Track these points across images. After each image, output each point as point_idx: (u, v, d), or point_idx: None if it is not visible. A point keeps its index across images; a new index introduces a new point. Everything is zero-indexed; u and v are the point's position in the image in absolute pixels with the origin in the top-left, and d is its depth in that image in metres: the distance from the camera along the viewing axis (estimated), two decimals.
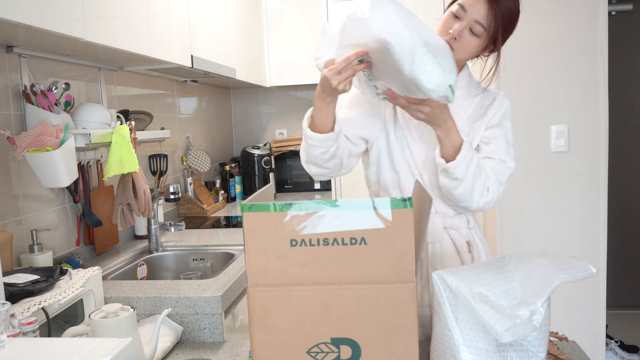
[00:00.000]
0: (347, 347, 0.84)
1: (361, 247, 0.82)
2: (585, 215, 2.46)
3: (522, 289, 0.86)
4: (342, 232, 0.82)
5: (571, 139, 2.45)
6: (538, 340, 0.88)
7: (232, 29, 2.84)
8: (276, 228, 0.82)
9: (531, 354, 0.88)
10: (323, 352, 0.85)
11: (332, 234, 0.82)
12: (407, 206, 0.80)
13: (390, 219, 0.80)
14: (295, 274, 0.83)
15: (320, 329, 0.84)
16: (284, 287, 0.84)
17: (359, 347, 0.84)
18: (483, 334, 0.84)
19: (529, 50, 2.43)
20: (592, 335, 2.48)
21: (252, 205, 0.83)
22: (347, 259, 0.83)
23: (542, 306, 0.83)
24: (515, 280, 0.87)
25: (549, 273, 0.86)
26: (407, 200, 0.80)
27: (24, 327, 1.04)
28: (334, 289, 0.83)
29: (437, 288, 0.87)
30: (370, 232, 0.82)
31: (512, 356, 0.88)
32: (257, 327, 0.85)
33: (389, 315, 0.83)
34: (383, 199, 0.80)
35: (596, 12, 2.36)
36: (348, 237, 0.82)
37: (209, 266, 2.08)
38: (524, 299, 0.83)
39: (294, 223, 0.82)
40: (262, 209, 0.82)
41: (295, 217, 0.82)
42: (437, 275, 0.87)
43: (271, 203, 0.83)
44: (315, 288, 0.84)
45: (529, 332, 0.80)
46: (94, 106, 1.82)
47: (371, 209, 0.81)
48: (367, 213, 0.81)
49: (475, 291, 0.82)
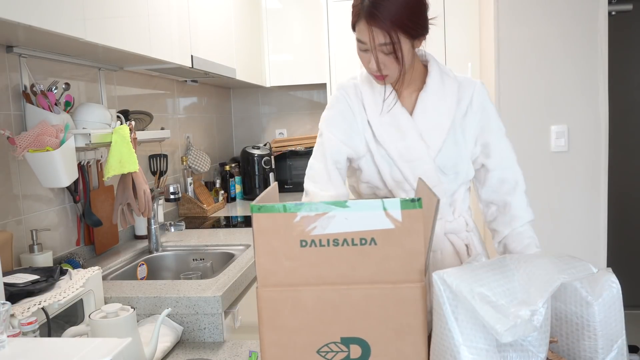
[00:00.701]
0: (356, 346, 0.85)
1: (371, 247, 0.82)
2: (585, 215, 2.46)
3: (523, 289, 0.85)
4: (352, 233, 0.82)
5: (571, 139, 2.45)
6: (538, 340, 0.87)
7: (232, 29, 2.84)
8: (286, 229, 0.83)
9: (531, 354, 0.88)
10: (333, 352, 0.85)
11: (342, 235, 0.82)
12: (417, 207, 0.80)
13: (400, 219, 0.81)
14: (305, 275, 0.84)
15: (330, 329, 0.84)
16: (294, 287, 0.84)
17: (369, 346, 0.84)
18: (483, 334, 0.83)
19: (529, 50, 2.43)
20: None
21: (262, 207, 0.83)
22: (357, 259, 0.83)
23: (543, 306, 0.82)
24: (515, 280, 0.87)
25: (549, 273, 0.86)
26: (417, 201, 0.80)
27: (24, 327, 1.04)
28: (343, 289, 0.84)
29: (437, 288, 0.87)
30: (380, 232, 0.82)
31: (513, 356, 0.88)
32: (266, 327, 0.85)
33: (398, 314, 0.83)
34: (393, 200, 0.81)
35: (596, 12, 2.36)
36: (358, 238, 0.82)
37: (209, 266, 2.08)
38: (525, 299, 0.83)
39: (304, 224, 0.82)
40: (272, 210, 0.83)
41: (305, 218, 0.82)
42: (437, 275, 0.87)
43: (281, 204, 0.83)
44: (325, 288, 0.84)
45: (529, 333, 0.80)
46: (94, 106, 1.82)
47: (381, 209, 0.81)
48: (377, 214, 0.81)
49: (476, 291, 0.82)
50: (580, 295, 1.01)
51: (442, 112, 1.32)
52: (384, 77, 1.26)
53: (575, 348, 1.04)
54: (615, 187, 3.19)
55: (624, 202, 3.59)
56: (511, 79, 2.47)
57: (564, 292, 1.03)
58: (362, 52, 1.26)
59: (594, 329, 1.00)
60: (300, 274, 0.83)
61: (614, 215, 2.78)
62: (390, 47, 1.19)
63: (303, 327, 0.84)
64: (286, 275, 0.84)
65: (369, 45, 1.21)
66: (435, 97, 1.32)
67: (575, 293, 1.01)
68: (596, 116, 2.42)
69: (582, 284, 1.01)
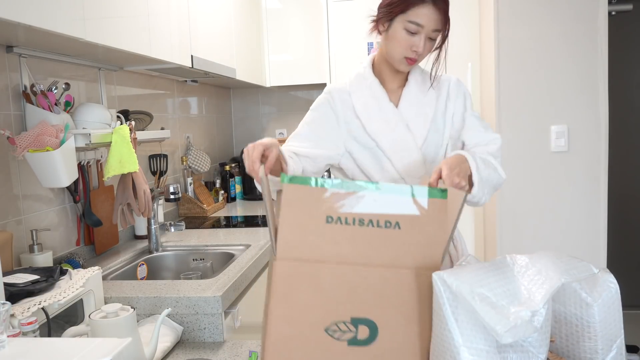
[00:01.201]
0: (365, 327, 0.85)
1: (394, 231, 0.83)
2: (585, 215, 2.46)
3: (524, 289, 0.86)
4: (378, 215, 0.83)
5: (571, 139, 2.45)
6: (539, 341, 0.87)
7: (232, 29, 2.84)
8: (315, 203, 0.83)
9: (531, 355, 0.88)
10: (341, 331, 0.85)
11: (368, 215, 0.83)
12: (443, 197, 0.81)
13: (425, 207, 0.81)
14: (327, 251, 0.84)
15: (342, 308, 0.85)
16: (313, 263, 0.84)
17: (377, 328, 0.85)
18: (483, 335, 0.83)
19: (529, 50, 2.43)
20: None
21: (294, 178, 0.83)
22: (379, 242, 0.83)
23: (544, 307, 0.82)
24: (516, 281, 0.87)
25: (550, 274, 0.86)
26: (445, 191, 0.81)
27: (24, 327, 1.04)
28: (362, 270, 0.84)
29: (437, 289, 0.87)
30: (405, 217, 0.82)
31: (513, 357, 0.88)
32: (278, 301, 0.85)
33: (411, 301, 0.83)
34: (421, 187, 0.81)
35: (596, 12, 2.36)
36: (383, 220, 0.83)
37: (209, 266, 2.08)
38: (525, 299, 0.83)
39: (333, 200, 0.82)
40: (304, 182, 0.82)
41: (335, 195, 0.82)
42: (437, 276, 0.87)
43: (313, 177, 0.83)
44: (344, 267, 0.84)
45: (530, 334, 0.80)
46: (94, 106, 1.82)
47: (409, 195, 0.82)
48: (405, 199, 0.82)
49: (476, 292, 0.82)
50: (579, 296, 1.01)
51: (424, 103, 1.41)
52: (415, 60, 1.35)
53: (575, 349, 1.04)
54: (615, 187, 3.19)
55: (624, 202, 3.59)
56: (511, 79, 2.47)
57: (562, 293, 1.03)
58: (409, 35, 1.31)
59: (594, 330, 1.00)
60: (322, 250, 0.83)
61: (614, 215, 2.78)
62: (438, 34, 1.32)
63: (316, 304, 0.84)
64: (308, 250, 0.84)
65: (425, 28, 1.29)
66: (418, 91, 1.41)
67: (574, 294, 1.01)
68: (596, 116, 2.42)
69: (581, 285, 1.01)
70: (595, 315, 1.02)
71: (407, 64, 1.35)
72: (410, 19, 1.28)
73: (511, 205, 2.51)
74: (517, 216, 2.51)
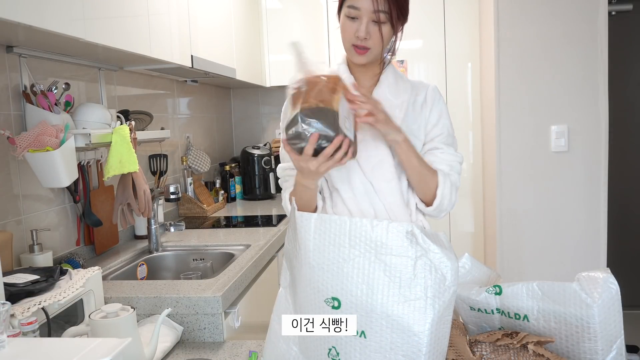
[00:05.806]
0: None
1: None
2: (585, 215, 2.46)
3: None
4: None
5: (571, 139, 2.45)
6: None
7: (232, 29, 2.84)
8: None
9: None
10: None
11: None
12: None
13: None
14: None
15: None
16: None
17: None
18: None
19: (529, 50, 2.43)
20: None
21: None
22: None
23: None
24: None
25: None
26: None
27: (24, 327, 1.04)
28: None
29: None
30: None
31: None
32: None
33: None
34: None
35: (596, 12, 2.36)
36: None
37: (209, 266, 2.08)
38: None
39: None
40: None
41: None
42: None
43: None
44: None
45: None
46: (94, 106, 1.82)
47: None
48: None
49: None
50: (579, 297, 1.01)
51: (395, 104, 1.33)
52: (366, 49, 1.27)
53: (575, 350, 1.04)
54: (615, 187, 3.19)
55: (624, 202, 3.59)
56: (511, 79, 2.47)
57: (563, 294, 1.03)
58: (350, 20, 1.27)
59: (594, 331, 1.00)
60: None
61: (614, 215, 2.77)
62: (385, 15, 1.23)
63: None
64: None
65: (364, 10, 1.23)
66: (388, 92, 1.34)
67: (574, 295, 1.01)
68: (596, 116, 2.42)
69: (581, 286, 1.01)
70: (595, 316, 1.02)
71: (357, 54, 1.29)
72: (349, 3, 1.26)
73: (511, 205, 2.51)
74: (517, 216, 2.51)
